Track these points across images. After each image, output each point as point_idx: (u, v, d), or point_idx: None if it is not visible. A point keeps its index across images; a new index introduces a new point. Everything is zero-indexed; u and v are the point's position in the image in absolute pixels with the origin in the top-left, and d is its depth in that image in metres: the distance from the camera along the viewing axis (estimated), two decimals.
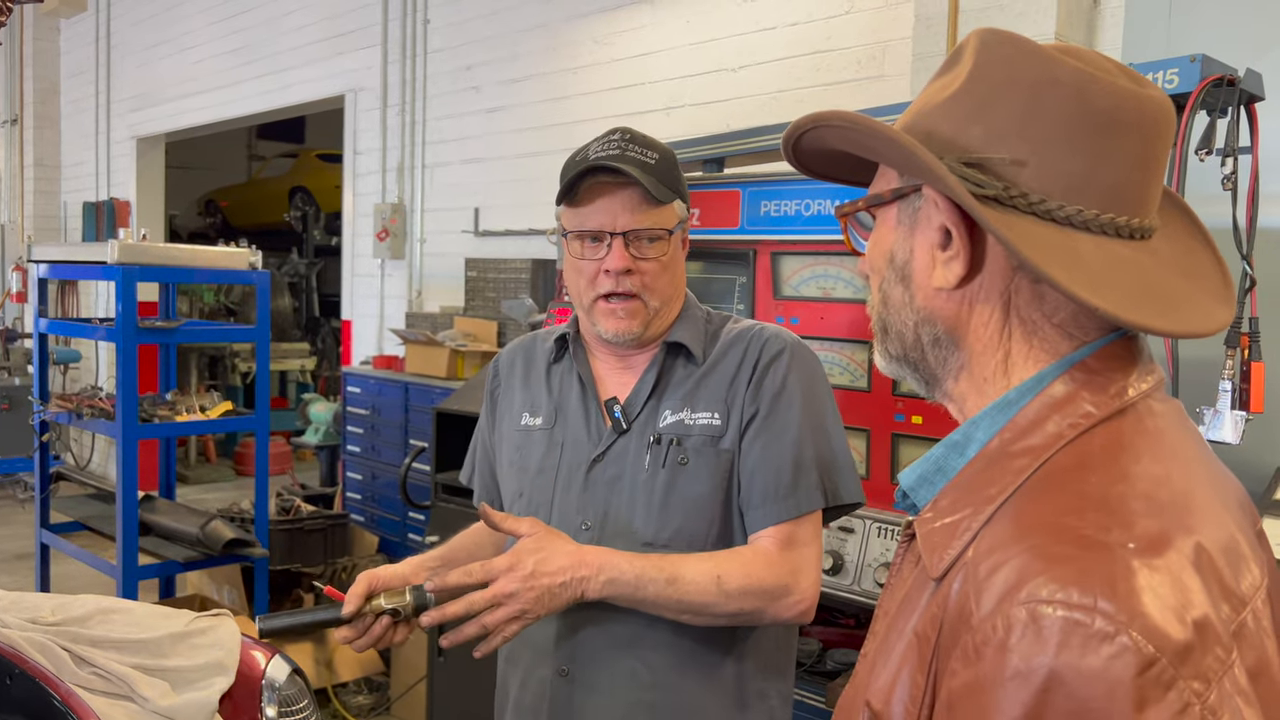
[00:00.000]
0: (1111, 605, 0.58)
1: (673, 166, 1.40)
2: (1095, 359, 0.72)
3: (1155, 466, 0.69)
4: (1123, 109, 0.71)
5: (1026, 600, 0.60)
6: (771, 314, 2.45)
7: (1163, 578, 0.61)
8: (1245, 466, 2.15)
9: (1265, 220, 1.99)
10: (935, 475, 0.78)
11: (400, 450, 4.31)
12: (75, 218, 8.45)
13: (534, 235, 4.55)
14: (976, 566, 0.65)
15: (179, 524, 3.73)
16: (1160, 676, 0.57)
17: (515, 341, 1.62)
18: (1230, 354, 1.89)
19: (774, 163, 2.66)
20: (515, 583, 1.22)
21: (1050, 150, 0.71)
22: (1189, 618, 0.60)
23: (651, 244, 1.37)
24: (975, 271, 0.74)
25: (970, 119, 0.74)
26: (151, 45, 7.58)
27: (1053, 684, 0.58)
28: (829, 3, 3.53)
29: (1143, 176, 0.73)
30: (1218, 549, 0.65)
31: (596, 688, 1.38)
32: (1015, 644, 0.60)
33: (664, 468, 1.37)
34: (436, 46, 5.21)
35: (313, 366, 9.07)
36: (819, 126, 0.79)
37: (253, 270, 3.97)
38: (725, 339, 1.44)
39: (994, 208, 0.71)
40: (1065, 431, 0.70)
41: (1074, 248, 0.71)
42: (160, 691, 2.16)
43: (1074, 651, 0.58)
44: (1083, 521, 0.64)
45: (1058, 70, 0.71)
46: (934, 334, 0.78)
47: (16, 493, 7.34)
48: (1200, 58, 1.88)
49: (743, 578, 1.30)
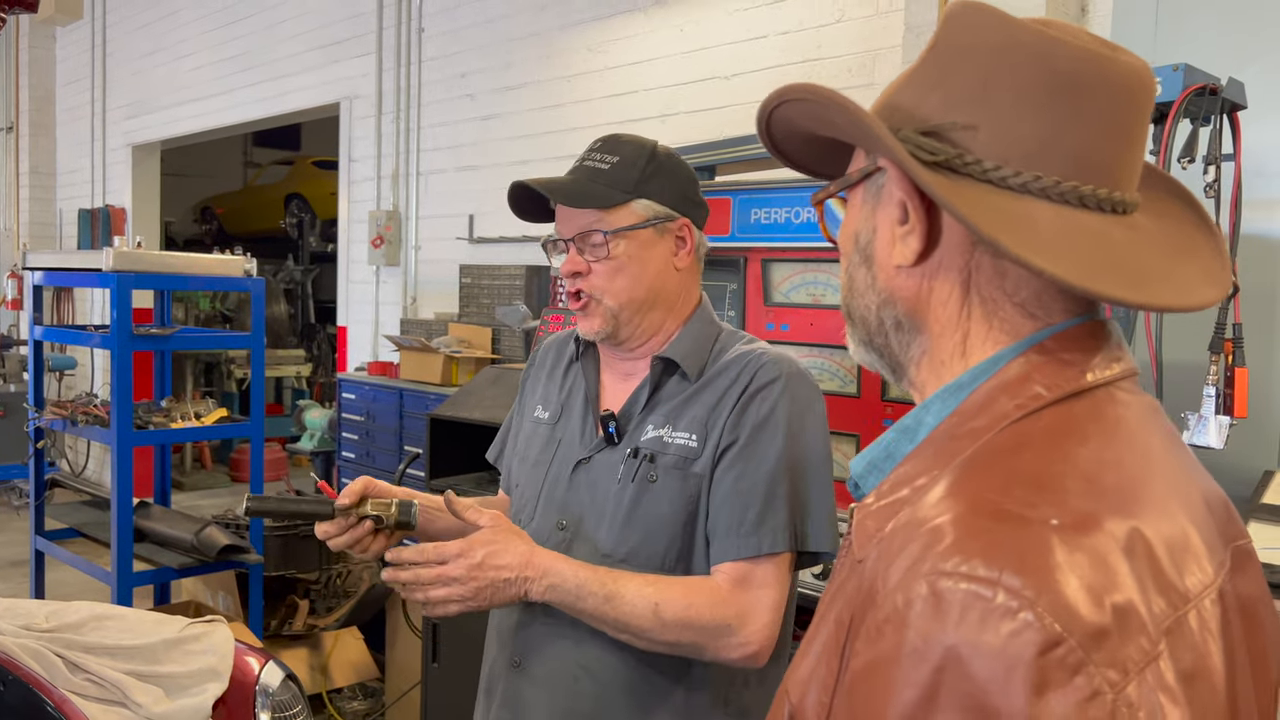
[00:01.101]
0: (1018, 580, 0.54)
1: (634, 166, 1.37)
2: (1054, 341, 0.68)
3: (1105, 451, 0.64)
4: (1086, 72, 0.67)
5: (929, 573, 0.56)
6: (762, 320, 2.47)
7: (1085, 557, 0.56)
8: (1230, 472, 2.17)
9: (1248, 227, 2.01)
10: (885, 461, 0.74)
11: (395, 456, 4.32)
12: (71, 225, 8.45)
13: (528, 242, 4.56)
14: (890, 542, 0.62)
15: (174, 530, 3.73)
16: (1065, 659, 0.52)
17: (559, 333, 1.64)
18: (1214, 359, 1.91)
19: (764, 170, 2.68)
20: (460, 569, 1.25)
21: (1008, 115, 0.67)
22: (1108, 601, 0.55)
23: (597, 246, 1.37)
24: (933, 246, 0.71)
25: (930, 87, 0.71)
26: (147, 53, 7.59)
27: (948, 662, 0.53)
28: (820, 11, 3.56)
29: (1112, 145, 0.68)
30: (1160, 540, 0.60)
31: (543, 685, 1.39)
32: (914, 619, 0.55)
33: (633, 483, 1.36)
34: (431, 54, 5.23)
35: (308, 373, 9.07)
36: (784, 102, 0.76)
37: (248, 277, 3.98)
38: (724, 360, 1.40)
39: (947, 175, 0.68)
40: (1011, 412, 0.66)
41: (1029, 215, 0.66)
42: (154, 697, 2.17)
43: (972, 628, 0.53)
44: (1006, 496, 0.59)
45: (1020, 34, 0.68)
46: (895, 316, 0.75)
47: (11, 499, 7.33)
48: (1183, 67, 1.90)
49: (682, 609, 1.26)
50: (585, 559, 1.33)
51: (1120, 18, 2.79)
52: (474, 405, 3.06)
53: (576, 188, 1.36)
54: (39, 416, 4.04)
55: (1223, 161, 1.90)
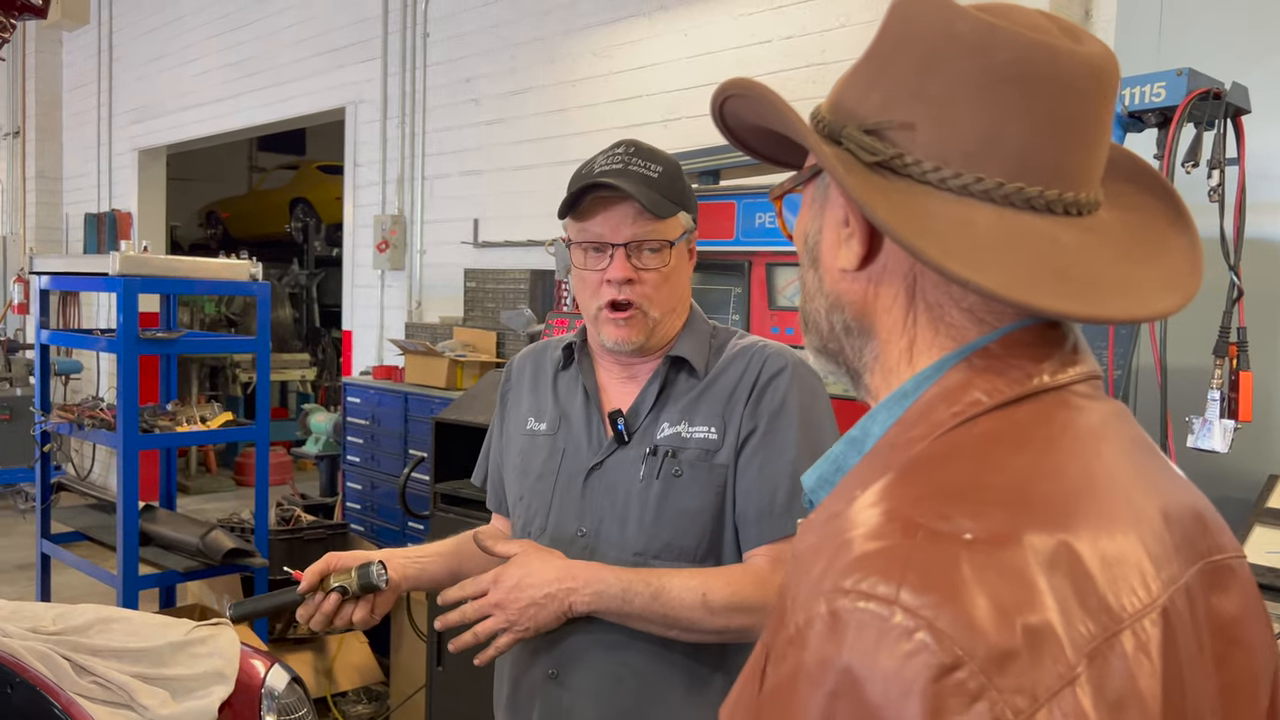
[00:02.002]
0: (916, 598, 0.50)
1: (676, 179, 1.41)
2: (999, 344, 0.64)
3: (1043, 460, 0.59)
4: (1029, 62, 0.62)
5: (829, 591, 0.53)
6: (766, 324, 2.47)
7: (997, 575, 0.52)
8: (1234, 475, 2.17)
9: (1252, 231, 2.01)
10: (834, 474, 0.71)
11: (400, 460, 4.32)
12: (77, 229, 8.48)
13: (533, 246, 4.57)
14: (804, 558, 0.58)
15: (179, 534, 3.74)
16: (965, 684, 0.48)
17: (528, 347, 1.64)
18: (1219, 363, 1.91)
19: (768, 175, 2.69)
20: (499, 594, 1.29)
21: (946, 111, 0.63)
22: (1019, 622, 0.50)
23: (653, 254, 1.38)
24: (875, 250, 0.68)
25: (871, 82, 0.67)
26: (153, 58, 7.62)
27: (843, 687, 0.50)
28: (823, 17, 3.56)
29: (1062, 141, 0.63)
30: (1094, 555, 0.55)
31: (584, 691, 1.39)
32: (811, 640, 0.52)
33: (658, 479, 1.38)
34: (436, 59, 5.25)
35: (313, 377, 9.08)
36: (729, 97, 0.73)
37: (253, 281, 3.99)
38: (728, 354, 1.45)
39: (886, 176, 0.64)
40: (946, 420, 0.62)
41: (968, 219, 0.62)
42: (160, 700, 2.18)
43: (868, 649, 0.50)
44: (918, 509, 0.55)
45: (958, 22, 0.63)
46: (844, 321, 0.71)
47: (17, 503, 7.35)
48: (1187, 71, 1.91)
49: (729, 595, 1.29)
50: (614, 563, 1.35)
51: (1124, 22, 2.79)
52: (479, 409, 3.06)
53: (647, 195, 1.35)
54: (45, 420, 4.05)
55: (1227, 166, 1.91)
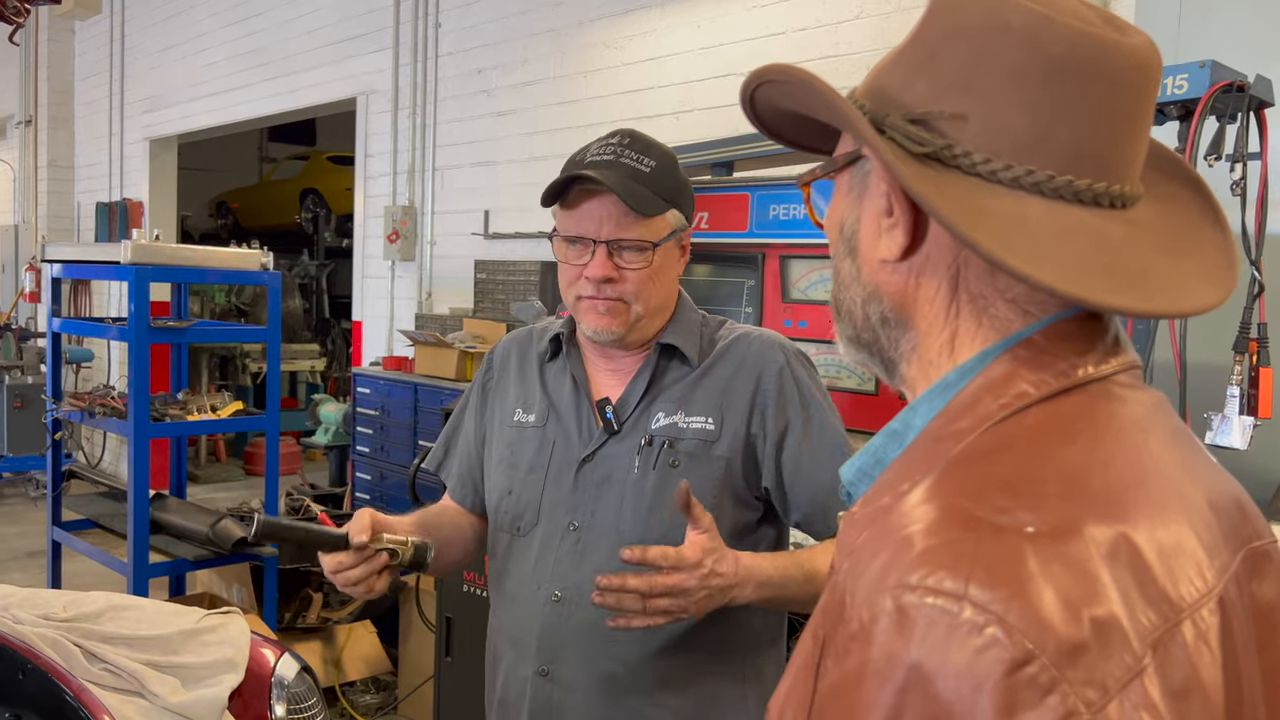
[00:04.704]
0: (985, 593, 0.50)
1: (670, 174, 1.37)
2: (1043, 335, 0.64)
3: (1093, 451, 0.59)
4: (1081, 56, 0.62)
5: (895, 586, 0.53)
6: (780, 317, 2.46)
7: (1061, 567, 0.52)
8: (1253, 472, 2.15)
9: (1275, 226, 1.99)
10: (874, 467, 0.70)
11: (409, 451, 4.32)
12: (89, 218, 8.50)
13: (543, 238, 4.53)
14: (862, 553, 0.58)
15: (189, 522, 3.75)
16: (1036, 678, 0.49)
17: (509, 336, 1.60)
18: (1239, 359, 1.89)
19: (782, 166, 2.67)
20: (695, 579, 1.20)
21: (997, 104, 0.63)
22: (1087, 614, 0.51)
23: (638, 254, 1.35)
24: (919, 241, 0.67)
25: (917, 71, 0.67)
26: (165, 48, 7.63)
27: (912, 682, 0.50)
28: (838, 8, 3.54)
29: (1111, 134, 0.64)
30: (1152, 546, 0.56)
31: (575, 688, 1.37)
32: (878, 636, 0.52)
33: (654, 470, 1.36)
34: (447, 50, 5.23)
35: (323, 367, 9.10)
36: (764, 83, 0.72)
37: (264, 271, 3.99)
38: (721, 344, 1.43)
39: (934, 168, 0.64)
40: (995, 412, 0.61)
41: (1022, 213, 0.62)
42: (170, 688, 2.18)
43: (937, 645, 0.50)
44: (978, 503, 0.55)
45: (1009, 14, 0.62)
46: (881, 312, 0.70)
47: (29, 491, 7.39)
48: (1210, 63, 1.88)
49: None
50: (606, 555, 1.33)
51: (1144, 12, 2.76)
52: None
53: (633, 191, 1.31)
54: (57, 408, 4.06)
55: (1249, 159, 1.88)
